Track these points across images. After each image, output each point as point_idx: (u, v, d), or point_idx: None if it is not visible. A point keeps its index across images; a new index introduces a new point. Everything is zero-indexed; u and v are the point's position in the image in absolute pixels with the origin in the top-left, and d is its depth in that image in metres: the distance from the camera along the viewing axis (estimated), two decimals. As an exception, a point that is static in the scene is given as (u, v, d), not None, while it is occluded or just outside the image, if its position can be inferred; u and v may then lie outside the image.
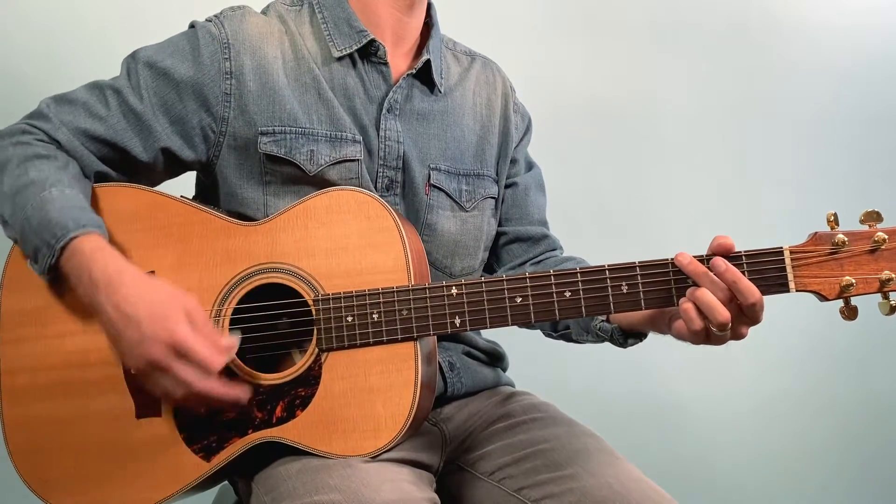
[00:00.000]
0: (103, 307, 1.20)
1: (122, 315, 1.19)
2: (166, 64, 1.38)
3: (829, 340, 2.54)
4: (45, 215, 1.24)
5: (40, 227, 1.24)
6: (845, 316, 1.21)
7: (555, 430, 1.39)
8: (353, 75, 1.44)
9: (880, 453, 2.69)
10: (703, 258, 1.23)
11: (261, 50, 1.40)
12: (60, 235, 1.23)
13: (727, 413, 2.63)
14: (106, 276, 1.21)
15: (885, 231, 1.19)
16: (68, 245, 1.23)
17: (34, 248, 1.25)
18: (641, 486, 1.26)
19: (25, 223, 1.25)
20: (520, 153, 1.63)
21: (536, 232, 1.62)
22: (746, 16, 2.64)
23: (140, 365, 1.19)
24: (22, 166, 1.30)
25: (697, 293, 1.20)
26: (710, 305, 1.18)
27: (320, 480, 1.19)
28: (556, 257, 1.61)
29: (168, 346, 1.17)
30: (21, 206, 1.26)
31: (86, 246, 1.23)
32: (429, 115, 1.49)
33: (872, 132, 2.67)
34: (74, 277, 1.24)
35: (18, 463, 1.31)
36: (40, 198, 1.25)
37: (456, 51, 1.61)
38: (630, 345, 1.40)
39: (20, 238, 1.28)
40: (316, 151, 1.38)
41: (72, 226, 1.23)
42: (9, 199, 1.28)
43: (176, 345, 1.17)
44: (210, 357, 1.18)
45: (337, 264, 1.28)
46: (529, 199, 1.63)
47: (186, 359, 1.18)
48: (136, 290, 1.21)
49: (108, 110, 1.37)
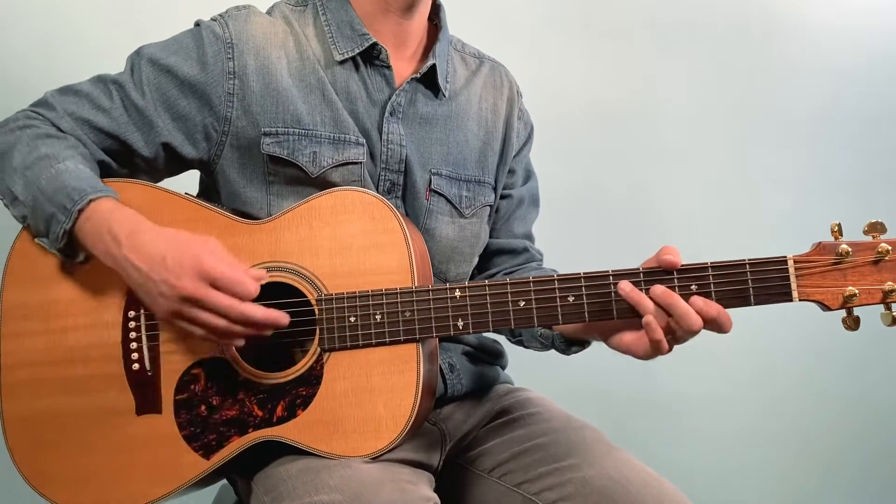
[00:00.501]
0: (126, 258, 1.21)
1: (146, 258, 1.20)
2: (169, 62, 1.38)
3: (828, 342, 2.55)
4: (61, 183, 1.25)
5: (56, 193, 1.24)
6: (847, 326, 1.22)
7: (552, 424, 1.40)
8: (356, 78, 1.43)
9: (880, 454, 2.71)
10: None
11: (265, 50, 1.39)
12: (78, 199, 1.24)
13: (727, 412, 2.64)
14: (126, 229, 1.22)
15: (889, 242, 1.19)
16: (86, 208, 1.24)
17: (48, 216, 1.26)
18: (641, 474, 1.27)
19: (39, 194, 1.26)
20: (518, 164, 1.62)
21: (518, 245, 1.62)
22: (746, 16, 2.64)
23: (172, 305, 1.19)
24: (32, 143, 1.31)
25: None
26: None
27: (320, 480, 1.19)
28: (527, 266, 1.62)
29: (198, 275, 1.17)
30: (34, 178, 1.27)
31: (103, 206, 1.25)
32: (432, 120, 1.48)
33: (872, 132, 2.68)
34: (92, 237, 1.24)
35: (18, 458, 1.31)
36: (55, 169, 1.26)
37: (464, 52, 1.60)
38: (573, 352, 1.43)
39: (31, 210, 1.28)
40: (319, 153, 1.37)
41: (89, 190, 1.25)
42: (20, 173, 1.29)
43: (205, 273, 1.17)
44: (242, 280, 1.19)
45: (341, 264, 1.28)
46: (519, 214, 1.63)
47: (218, 287, 1.18)
48: (157, 233, 1.23)
49: (111, 103, 1.37)
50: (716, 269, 1.22)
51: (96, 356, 1.31)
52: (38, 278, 1.32)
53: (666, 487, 1.26)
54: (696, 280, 1.22)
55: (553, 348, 1.45)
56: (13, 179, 1.29)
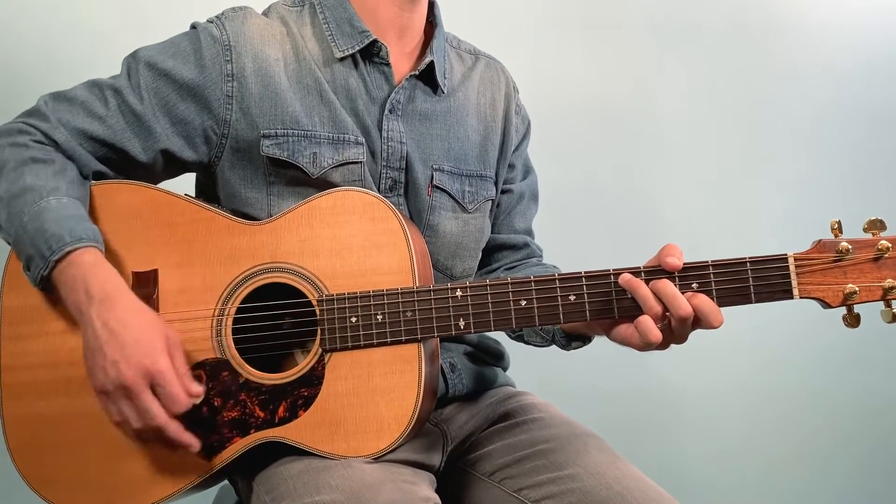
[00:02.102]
0: (92, 320, 1.20)
1: (109, 332, 1.19)
2: (167, 65, 1.37)
3: (828, 341, 2.55)
4: (41, 225, 1.23)
5: (36, 236, 1.23)
6: (848, 323, 1.22)
7: (555, 431, 1.40)
8: (356, 76, 1.43)
9: (878, 452, 2.71)
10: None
11: (262, 52, 1.39)
12: (56, 248, 1.22)
13: (727, 413, 2.63)
14: (103, 293, 1.22)
15: (889, 240, 1.19)
16: (64, 258, 1.23)
17: (27, 257, 1.25)
18: (642, 486, 1.27)
19: (21, 231, 1.25)
20: (517, 158, 1.63)
21: (519, 240, 1.63)
22: (746, 16, 2.64)
23: (108, 385, 1.19)
24: (18, 170, 1.29)
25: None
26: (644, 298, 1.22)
27: (321, 481, 1.19)
28: (527, 262, 1.62)
29: (145, 373, 1.18)
30: (17, 213, 1.26)
31: (85, 258, 1.23)
32: (432, 116, 1.48)
33: (872, 132, 2.68)
34: (67, 287, 1.23)
35: (18, 460, 1.31)
36: (37, 206, 1.25)
37: (460, 49, 1.60)
38: (574, 348, 1.43)
39: (14, 244, 1.28)
40: (319, 154, 1.37)
41: (68, 238, 1.23)
42: (4, 204, 1.28)
43: (154, 375, 1.18)
44: (180, 396, 1.20)
45: (341, 265, 1.28)
46: (520, 209, 1.64)
47: (156, 391, 1.19)
48: (130, 313, 1.22)
49: (107, 110, 1.36)
50: (717, 268, 1.22)
51: (97, 357, 1.30)
52: (36, 285, 1.32)
53: (667, 501, 1.26)
54: (697, 278, 1.22)
55: (554, 344, 1.44)
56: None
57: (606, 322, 1.28)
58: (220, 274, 1.31)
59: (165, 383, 1.19)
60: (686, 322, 1.20)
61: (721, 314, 1.21)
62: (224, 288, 1.30)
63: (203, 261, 1.31)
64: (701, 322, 1.21)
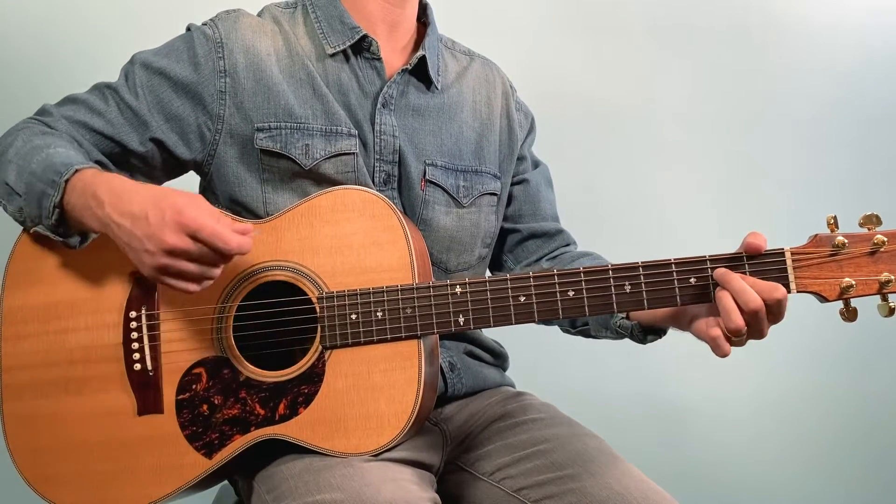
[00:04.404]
0: (110, 217, 1.20)
1: (129, 215, 1.19)
2: (161, 64, 1.40)
3: (829, 341, 2.55)
4: (50, 161, 1.26)
5: (45, 171, 1.25)
6: (845, 317, 1.22)
7: (555, 431, 1.40)
8: (347, 71, 1.45)
9: (881, 454, 2.70)
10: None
11: (254, 48, 1.42)
12: (64, 171, 1.24)
13: (728, 413, 2.63)
14: (110, 190, 1.22)
15: (885, 234, 1.20)
16: (72, 178, 1.24)
17: (39, 195, 1.26)
18: (642, 487, 1.27)
19: (30, 177, 1.27)
20: (526, 150, 1.65)
21: (551, 227, 1.63)
22: (746, 16, 2.65)
23: (158, 261, 1.17)
24: (27, 138, 1.32)
25: (719, 294, 1.20)
26: (725, 309, 1.19)
27: (322, 480, 1.20)
28: (571, 253, 1.62)
29: (179, 228, 1.16)
30: (26, 164, 1.28)
31: (87, 173, 1.25)
32: (424, 111, 1.49)
33: (872, 132, 2.68)
34: (80, 206, 1.24)
35: (19, 460, 1.31)
36: (45, 153, 1.28)
37: (455, 50, 1.62)
38: (650, 341, 1.40)
39: (25, 195, 1.28)
40: (311, 146, 1.39)
41: (75, 162, 1.26)
42: (14, 163, 1.30)
43: (186, 225, 1.16)
44: (222, 232, 1.16)
45: (341, 262, 1.29)
46: (541, 195, 1.64)
47: (198, 240, 1.16)
48: (140, 191, 1.22)
49: (106, 106, 1.39)
50: (714, 262, 1.23)
51: (97, 357, 1.31)
52: (39, 280, 1.33)
53: (668, 502, 1.26)
54: (695, 273, 1.23)
55: (630, 338, 1.41)
56: (8, 170, 1.30)
57: (686, 318, 1.28)
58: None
59: (200, 228, 1.15)
60: (756, 312, 1.18)
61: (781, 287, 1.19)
62: (224, 286, 1.31)
63: (203, 259, 1.32)
64: (770, 306, 1.19)
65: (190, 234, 1.16)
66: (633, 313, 1.37)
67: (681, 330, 1.32)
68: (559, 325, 1.59)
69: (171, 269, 1.18)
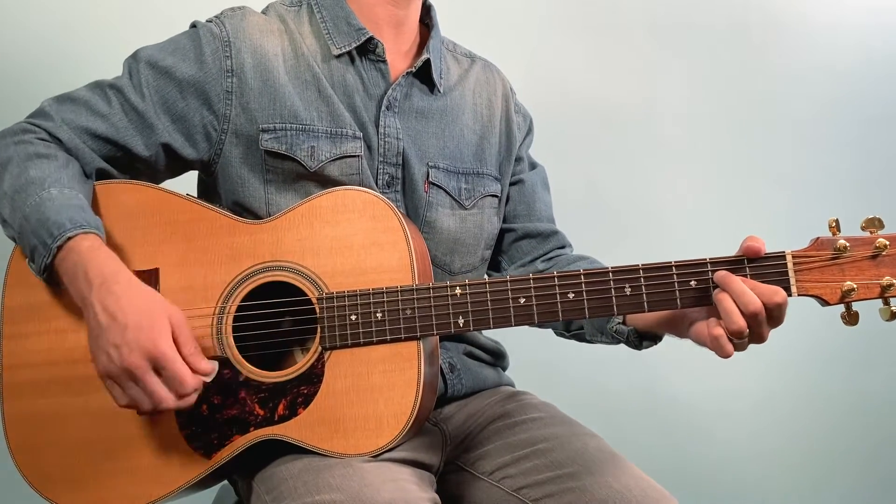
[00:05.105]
0: (93, 305, 1.20)
1: (109, 315, 1.18)
2: (168, 63, 1.39)
3: (828, 341, 2.55)
4: (43, 214, 1.24)
5: (38, 226, 1.24)
6: (847, 321, 1.22)
7: (555, 430, 1.40)
8: (353, 73, 1.45)
9: (879, 451, 2.70)
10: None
11: (261, 48, 1.41)
12: (57, 235, 1.22)
13: (728, 413, 2.64)
14: (101, 276, 1.21)
15: (887, 237, 1.19)
16: (64, 245, 1.23)
17: (31, 247, 1.25)
18: (642, 485, 1.27)
19: (24, 222, 1.25)
20: (523, 152, 1.65)
21: (545, 228, 1.63)
22: (746, 15, 2.65)
23: (112, 369, 1.18)
24: (22, 165, 1.30)
25: (719, 296, 1.20)
26: (726, 310, 1.19)
27: (321, 480, 1.19)
28: (567, 255, 1.62)
29: (147, 356, 1.17)
30: (20, 205, 1.26)
31: (83, 244, 1.23)
32: (427, 114, 1.49)
33: (872, 132, 2.68)
34: (69, 275, 1.23)
35: (19, 459, 1.31)
36: (39, 197, 1.25)
37: (456, 52, 1.62)
38: (645, 347, 1.40)
39: (18, 236, 1.28)
40: (317, 148, 1.38)
41: (69, 225, 1.23)
42: (8, 198, 1.28)
43: (156, 358, 1.17)
44: (185, 376, 1.18)
45: (341, 263, 1.29)
46: (536, 196, 1.64)
47: (161, 374, 1.18)
48: (129, 294, 1.20)
49: (110, 108, 1.37)
50: (715, 265, 1.23)
51: (97, 356, 1.31)
52: (39, 280, 1.32)
53: (667, 500, 1.26)
54: (695, 276, 1.23)
55: (625, 343, 1.41)
56: (2, 203, 1.29)
57: (685, 323, 1.28)
58: (220, 273, 1.31)
59: (168, 364, 1.17)
60: (756, 315, 1.18)
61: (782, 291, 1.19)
62: (224, 286, 1.31)
63: (204, 259, 1.32)
64: (770, 309, 1.19)
65: (154, 366, 1.17)
66: (630, 318, 1.37)
67: (679, 336, 1.32)
68: (553, 329, 1.59)
69: (119, 379, 1.19)
